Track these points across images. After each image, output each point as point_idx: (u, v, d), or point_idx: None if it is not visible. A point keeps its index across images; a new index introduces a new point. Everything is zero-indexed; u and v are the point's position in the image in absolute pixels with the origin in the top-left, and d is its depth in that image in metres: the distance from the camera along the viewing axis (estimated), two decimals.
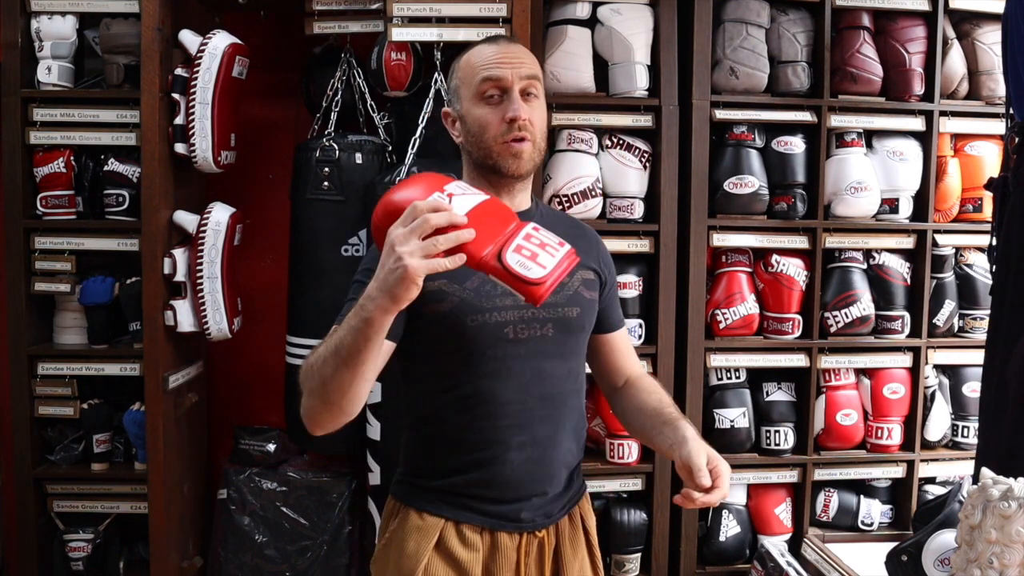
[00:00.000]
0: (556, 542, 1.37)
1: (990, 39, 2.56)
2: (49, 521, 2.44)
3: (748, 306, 2.52)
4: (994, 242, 2.02)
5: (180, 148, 2.31)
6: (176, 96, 2.29)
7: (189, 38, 2.31)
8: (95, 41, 2.42)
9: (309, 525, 2.54)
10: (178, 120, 2.29)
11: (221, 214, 2.38)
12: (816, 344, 2.54)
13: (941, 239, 2.59)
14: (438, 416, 1.33)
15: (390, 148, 2.45)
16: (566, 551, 1.38)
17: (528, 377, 1.31)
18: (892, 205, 2.56)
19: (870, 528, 2.60)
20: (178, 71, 2.30)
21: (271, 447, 2.60)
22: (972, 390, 2.57)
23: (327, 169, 2.36)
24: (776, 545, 2.49)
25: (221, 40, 2.29)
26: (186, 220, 2.39)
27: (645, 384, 1.46)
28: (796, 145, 2.52)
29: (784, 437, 2.55)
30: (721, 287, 2.54)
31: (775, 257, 2.53)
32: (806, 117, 2.50)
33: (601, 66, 2.47)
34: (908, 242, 2.58)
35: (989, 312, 2.07)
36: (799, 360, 2.55)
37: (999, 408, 1.87)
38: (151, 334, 2.32)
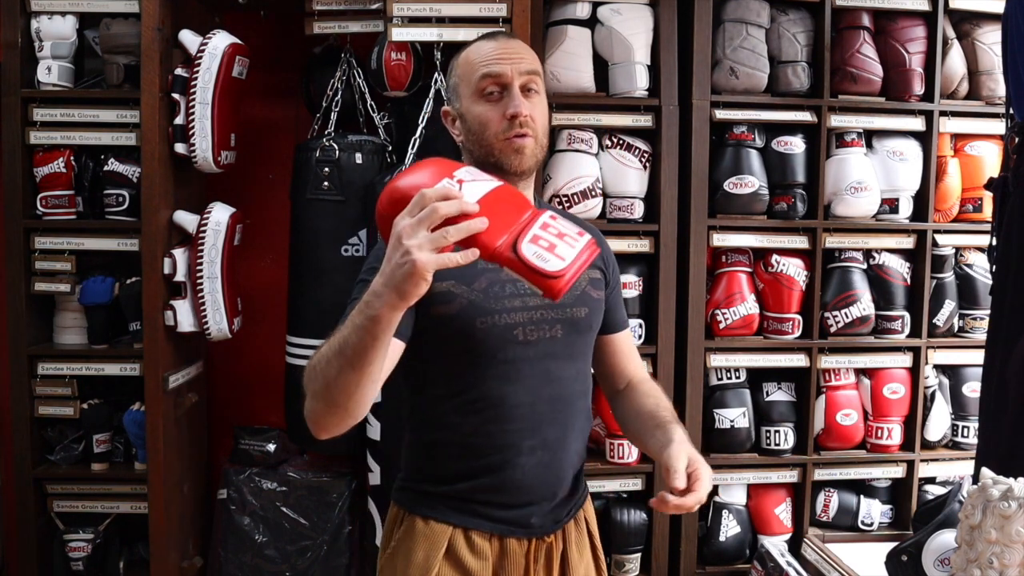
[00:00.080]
0: (563, 546, 1.35)
1: (990, 39, 2.56)
2: (49, 521, 2.44)
3: (748, 306, 2.52)
4: (994, 242, 2.02)
5: (180, 148, 2.31)
6: (176, 96, 2.29)
7: (189, 38, 2.31)
8: (95, 41, 2.42)
9: (309, 525, 2.54)
10: (178, 120, 2.29)
11: (221, 214, 2.38)
12: (816, 344, 2.54)
13: (941, 239, 2.59)
14: (445, 421, 1.29)
15: (390, 148, 2.45)
16: (573, 555, 1.36)
17: (537, 379, 1.28)
18: (892, 205, 2.56)
19: (870, 528, 2.60)
20: (178, 71, 2.30)
21: (271, 447, 2.60)
22: (972, 390, 2.57)
23: (327, 169, 2.36)
24: (776, 545, 2.49)
25: (221, 40, 2.29)
26: (186, 220, 2.39)
27: (645, 388, 1.43)
28: (796, 145, 2.52)
29: (784, 437, 2.55)
30: (721, 287, 2.54)
31: (775, 257, 2.53)
32: (806, 117, 2.50)
33: (601, 66, 2.47)
34: (908, 242, 2.58)
35: (989, 312, 2.07)
36: (799, 360, 2.55)
37: (999, 408, 1.87)
38: (151, 334, 2.33)
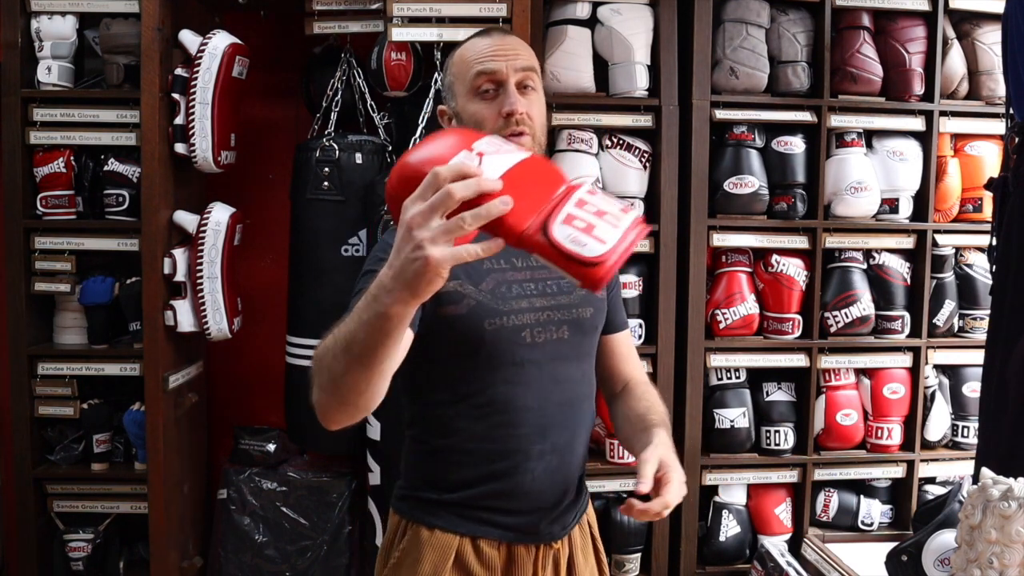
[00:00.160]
0: (569, 551, 1.32)
1: (990, 39, 2.56)
2: (49, 521, 2.44)
3: (748, 306, 2.52)
4: (994, 242, 2.02)
5: (180, 148, 2.31)
6: (176, 96, 2.29)
7: (189, 38, 2.31)
8: (95, 41, 2.42)
9: (309, 525, 2.53)
10: (178, 120, 2.29)
11: (221, 214, 2.38)
12: (816, 344, 2.54)
13: (941, 239, 2.59)
14: (450, 426, 1.24)
15: (390, 148, 2.45)
16: (579, 560, 1.33)
17: (546, 382, 1.24)
18: (892, 205, 2.56)
19: (870, 528, 2.60)
20: (178, 71, 2.30)
21: (271, 447, 2.60)
22: (972, 390, 2.57)
23: (327, 169, 2.36)
24: (776, 545, 2.49)
25: (221, 40, 2.29)
26: (186, 220, 2.39)
27: (639, 391, 1.38)
28: (796, 145, 2.52)
29: (784, 437, 2.55)
30: (721, 287, 2.54)
31: (775, 257, 2.53)
32: (806, 117, 2.50)
33: (601, 66, 2.47)
34: (908, 242, 2.58)
35: (989, 312, 2.06)
36: (799, 360, 2.54)
37: (999, 408, 1.87)
38: (151, 334, 2.32)
